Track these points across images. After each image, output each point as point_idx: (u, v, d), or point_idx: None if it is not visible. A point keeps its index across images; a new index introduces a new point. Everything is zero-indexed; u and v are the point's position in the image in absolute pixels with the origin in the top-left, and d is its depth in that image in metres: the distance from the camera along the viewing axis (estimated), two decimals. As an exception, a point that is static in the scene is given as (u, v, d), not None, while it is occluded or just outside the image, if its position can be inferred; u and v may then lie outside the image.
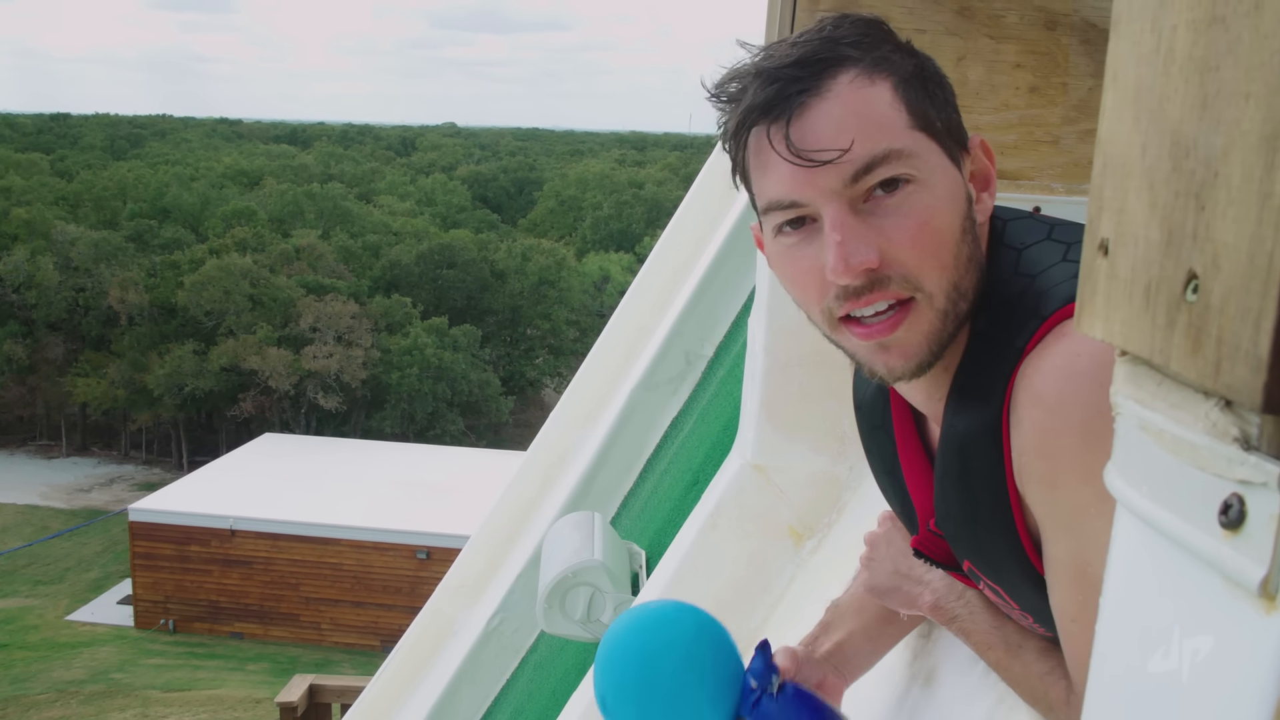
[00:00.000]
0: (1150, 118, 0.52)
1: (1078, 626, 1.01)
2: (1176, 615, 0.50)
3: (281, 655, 26.50)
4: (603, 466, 3.63)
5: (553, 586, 2.71)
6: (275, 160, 75.15)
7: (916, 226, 1.02)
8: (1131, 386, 0.56)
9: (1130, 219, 0.54)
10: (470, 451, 35.55)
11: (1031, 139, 2.02)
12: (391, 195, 65.80)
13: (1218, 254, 0.46)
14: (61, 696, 23.07)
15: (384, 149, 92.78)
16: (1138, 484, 0.54)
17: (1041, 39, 2.00)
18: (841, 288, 1.03)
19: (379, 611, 26.92)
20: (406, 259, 50.84)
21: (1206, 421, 0.49)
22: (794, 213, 1.05)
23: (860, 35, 1.06)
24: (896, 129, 1.03)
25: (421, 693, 3.77)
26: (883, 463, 1.33)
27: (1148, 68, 0.53)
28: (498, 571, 3.86)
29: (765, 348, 2.09)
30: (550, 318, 51.84)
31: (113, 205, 55.70)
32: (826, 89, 1.03)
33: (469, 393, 45.07)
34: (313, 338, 43.98)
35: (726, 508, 2.13)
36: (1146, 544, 0.53)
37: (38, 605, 30.60)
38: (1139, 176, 0.53)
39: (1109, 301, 0.56)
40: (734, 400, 3.10)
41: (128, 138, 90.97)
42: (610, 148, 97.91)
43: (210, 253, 47.77)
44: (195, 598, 28.19)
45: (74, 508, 39.84)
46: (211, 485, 29.63)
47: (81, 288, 47.30)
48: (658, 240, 4.06)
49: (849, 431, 2.14)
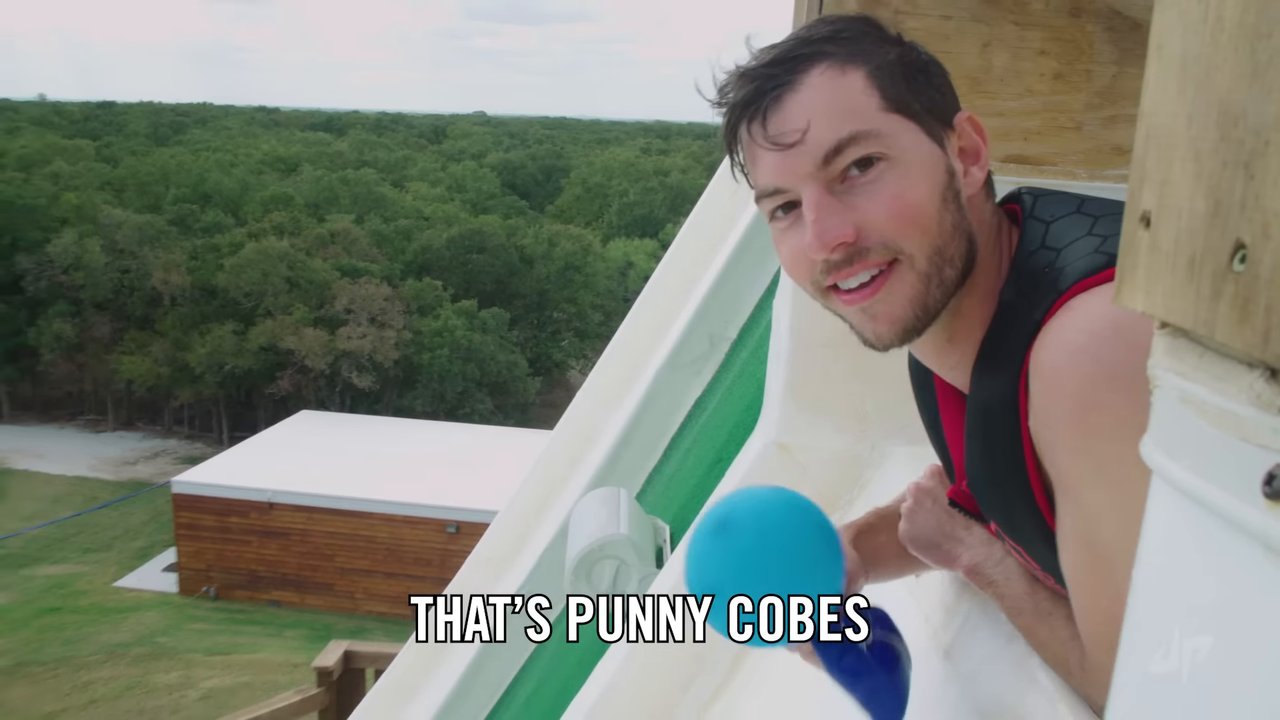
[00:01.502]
0: (1197, 88, 0.50)
1: (1084, 590, 1.02)
2: (1217, 587, 0.49)
3: (317, 622, 26.73)
4: (628, 444, 3.62)
5: (580, 558, 2.70)
6: (311, 147, 75.32)
7: (891, 199, 1.04)
8: (1171, 359, 0.54)
9: (1174, 190, 0.52)
10: (498, 430, 35.66)
11: (1055, 125, 1.99)
12: (423, 181, 65.87)
13: (1268, 223, 0.44)
14: (110, 658, 23.36)
15: (416, 137, 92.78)
16: (1178, 456, 0.52)
17: (1066, 26, 1.97)
18: (824, 262, 1.06)
19: (410, 582, 27.07)
20: (437, 244, 50.93)
21: (1251, 392, 0.47)
22: (780, 199, 1.09)
23: (836, 31, 1.10)
24: (867, 112, 1.06)
25: (452, 660, 3.79)
26: (928, 418, 1.34)
27: (1195, 37, 0.51)
28: (525, 545, 3.86)
29: (790, 330, 2.08)
30: (576, 301, 51.85)
31: (156, 190, 55.97)
32: (799, 82, 1.06)
33: (497, 373, 45.17)
34: (347, 319, 44.16)
35: (751, 484, 2.12)
36: (1185, 516, 0.52)
37: (87, 571, 30.96)
38: (1184, 147, 0.51)
39: (1150, 274, 0.54)
40: (757, 381, 3.08)
41: (170, 125, 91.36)
42: (635, 136, 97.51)
43: (249, 236, 48.01)
44: (235, 567, 28.46)
45: (121, 479, 40.25)
46: (250, 460, 29.85)
47: (127, 269, 47.62)
48: (681, 227, 4.04)
49: (871, 412, 2.12)
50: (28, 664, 23.25)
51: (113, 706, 20.25)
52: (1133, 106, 2.01)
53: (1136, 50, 2.00)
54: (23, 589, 29.47)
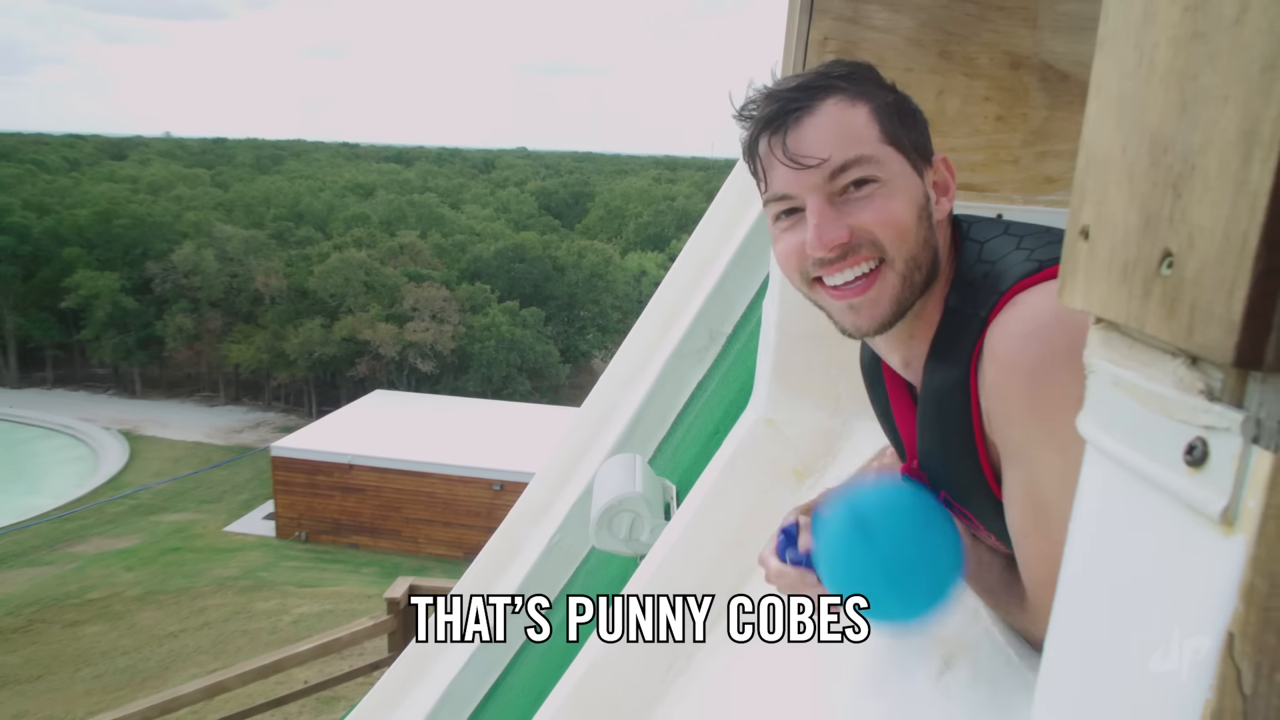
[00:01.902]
0: (1131, 122, 0.49)
1: (1029, 541, 1.00)
2: (1143, 537, 0.47)
3: (387, 562, 26.84)
4: (642, 418, 3.61)
5: (602, 512, 2.70)
6: (384, 176, 75.32)
7: (879, 210, 1.05)
8: (1105, 349, 0.52)
9: (1110, 208, 0.51)
10: (535, 407, 35.67)
11: (996, 158, 1.96)
12: (475, 204, 65.79)
13: (1192, 234, 0.43)
14: (220, 589, 23.50)
15: (470, 167, 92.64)
16: (1109, 430, 0.51)
17: (1006, 77, 1.94)
18: (818, 259, 1.07)
19: (462, 530, 27.16)
20: (487, 255, 50.90)
21: (1174, 377, 0.46)
22: (787, 204, 1.09)
23: (848, 71, 1.10)
24: (869, 141, 1.06)
25: (499, 588, 3.79)
26: (880, 409, 1.32)
27: (1130, 80, 0.49)
28: (557, 500, 3.86)
29: (777, 325, 2.06)
30: (599, 303, 51.78)
31: (259, 210, 56.10)
32: (816, 108, 1.06)
33: (534, 361, 45.19)
34: (413, 316, 44.22)
35: (743, 452, 2.10)
36: (1116, 480, 0.50)
37: (202, 519, 31.16)
38: (1119, 172, 0.50)
39: (1088, 278, 0.53)
40: (748, 368, 3.07)
41: (271, 157, 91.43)
42: (648, 168, 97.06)
43: (334, 248, 48.08)
44: (322, 516, 28.58)
45: (229, 445, 40.45)
46: (334, 430, 29.95)
47: (235, 274, 47.80)
48: (686, 242, 4.02)
49: (843, 393, 2.11)
50: (155, 593, 23.43)
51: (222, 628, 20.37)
52: (1061, 143, 1.98)
53: (1065, 97, 1.97)
54: (150, 533, 29.68)
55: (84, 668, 18.78)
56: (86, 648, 19.99)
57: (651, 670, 2.05)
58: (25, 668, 19.05)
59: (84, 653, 19.68)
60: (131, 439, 40.56)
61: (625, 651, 2.11)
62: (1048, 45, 1.94)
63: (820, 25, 1.96)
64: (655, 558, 2.19)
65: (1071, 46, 1.95)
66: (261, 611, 21.11)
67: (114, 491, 34.33)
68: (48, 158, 75.31)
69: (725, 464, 2.13)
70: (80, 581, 24.79)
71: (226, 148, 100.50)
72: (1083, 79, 1.97)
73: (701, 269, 3.85)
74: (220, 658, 17.86)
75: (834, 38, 1.97)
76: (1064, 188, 2.00)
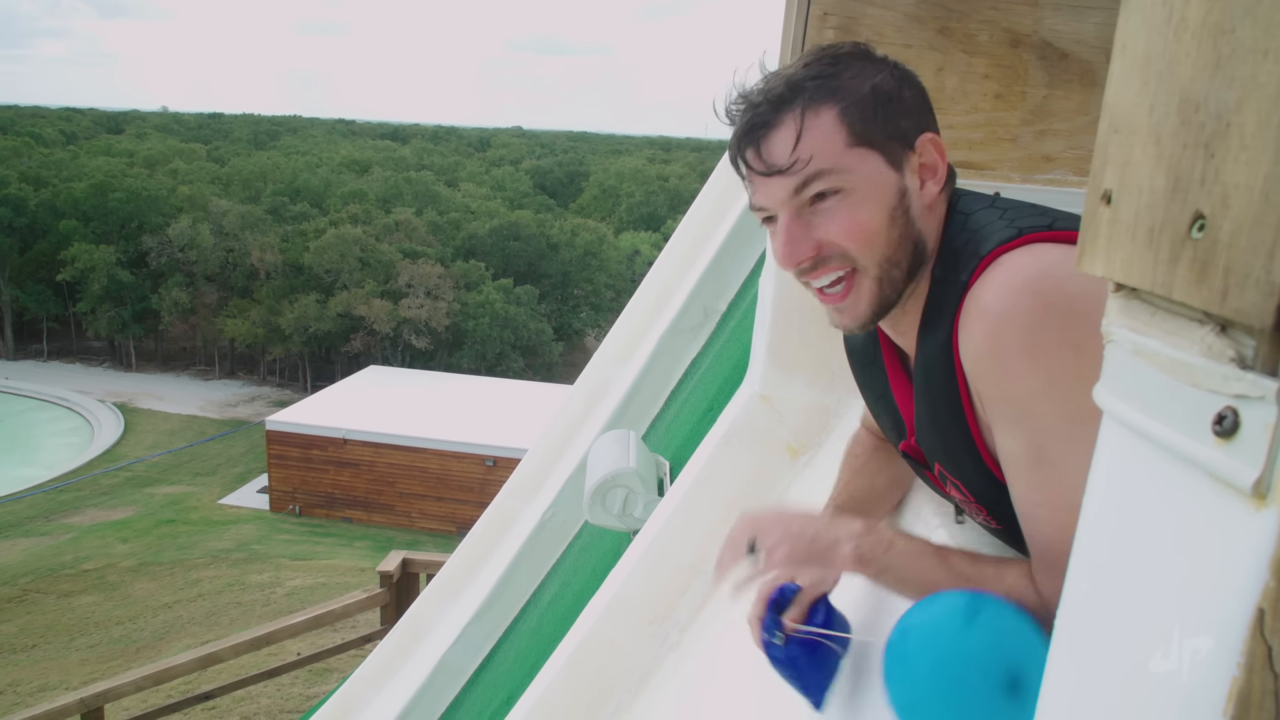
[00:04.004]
0: (1159, 80, 0.46)
1: (1042, 510, 0.94)
2: (1166, 512, 0.45)
3: (380, 536, 26.85)
4: (636, 394, 3.59)
5: (596, 486, 2.68)
6: (380, 153, 74.77)
7: (844, 223, 1.05)
8: (1125, 317, 0.50)
9: (1135, 171, 0.48)
10: (528, 384, 35.63)
11: (995, 136, 1.93)
12: (471, 182, 65.41)
13: (1227, 195, 0.41)
14: (214, 561, 23.50)
15: (465, 146, 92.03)
16: (1129, 400, 0.49)
17: (1006, 55, 1.91)
18: (794, 269, 1.09)
19: (455, 505, 27.19)
20: (481, 232, 50.67)
21: (1202, 345, 0.44)
22: (763, 214, 1.11)
23: (820, 72, 1.07)
24: (833, 150, 1.05)
25: (490, 565, 3.78)
26: (875, 391, 1.29)
27: (1158, 36, 0.47)
28: (550, 476, 3.84)
29: (773, 303, 2.04)
30: (592, 281, 51.67)
31: (255, 185, 55.71)
32: (780, 121, 1.06)
33: (528, 338, 45.13)
34: (408, 292, 44.08)
35: (738, 428, 2.09)
36: (1136, 451, 0.48)
37: (197, 491, 31.12)
38: (1145, 133, 0.47)
39: (1110, 243, 0.50)
40: (741, 345, 3.05)
41: (267, 132, 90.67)
42: (643, 148, 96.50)
43: (330, 224, 47.81)
44: (315, 490, 28.58)
45: (224, 418, 40.36)
46: (329, 404, 29.90)
47: (231, 249, 47.54)
48: (679, 222, 3.99)
49: (837, 370, 2.09)
50: (149, 564, 23.41)
51: (216, 600, 20.37)
52: (1060, 122, 1.96)
53: (1064, 76, 1.94)
54: (145, 504, 29.64)
55: (78, 637, 18.78)
56: (81, 618, 19.98)
57: (644, 645, 2.04)
58: (20, 637, 19.05)
59: (78, 622, 19.67)
60: (126, 411, 40.42)
61: (617, 626, 2.10)
62: (1048, 23, 1.91)
63: (820, 1, 1.92)
64: (649, 532, 2.17)
65: (1072, 25, 1.92)
66: (255, 584, 21.11)
67: (109, 463, 34.25)
68: (45, 131, 74.58)
69: (720, 440, 2.12)
70: (75, 552, 24.76)
71: (223, 123, 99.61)
72: (1083, 58, 1.93)
73: (695, 247, 3.82)
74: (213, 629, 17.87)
75: (834, 13, 1.93)
76: (1062, 167, 1.97)
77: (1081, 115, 1.95)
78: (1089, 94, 1.94)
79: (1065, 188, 1.95)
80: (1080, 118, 1.95)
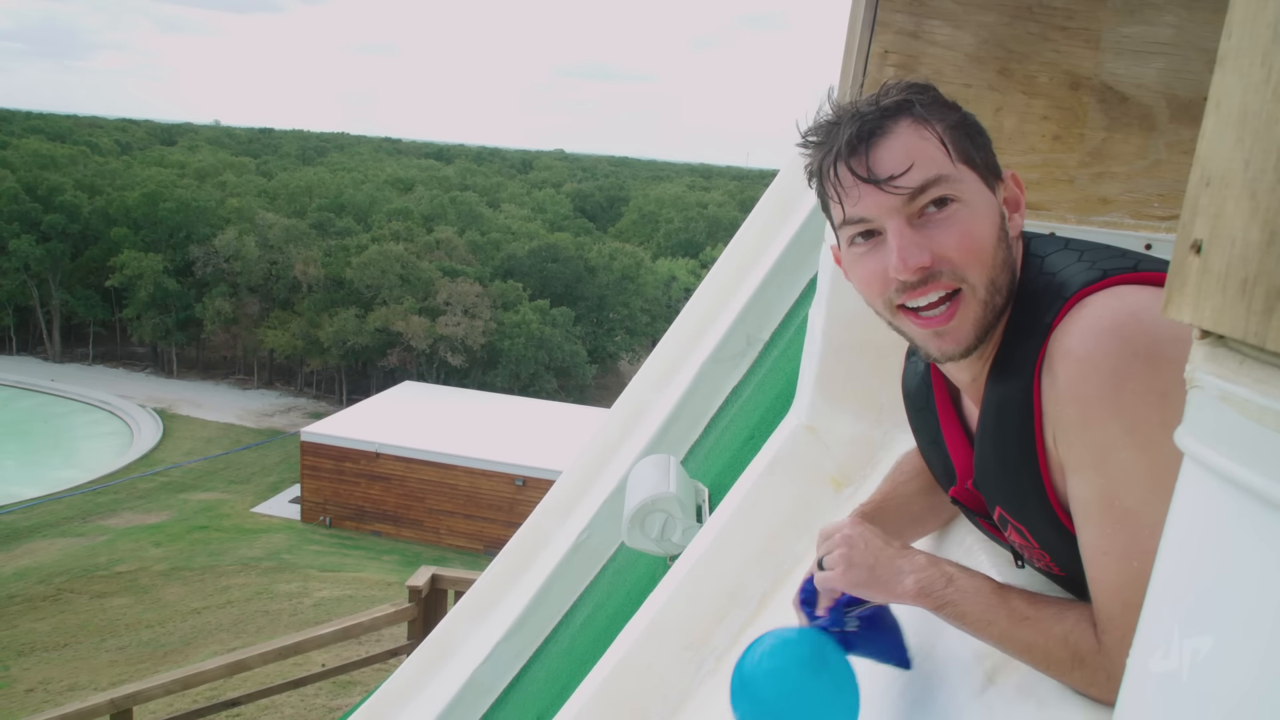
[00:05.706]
0: (1255, 137, 0.48)
1: (1109, 559, 0.92)
2: (1253, 558, 0.46)
3: (408, 550, 26.96)
4: (675, 420, 3.60)
5: (636, 510, 2.69)
6: (425, 172, 75.85)
7: (960, 234, 1.03)
8: (1211, 364, 0.51)
9: (1227, 223, 0.50)
10: (560, 405, 35.74)
11: (1051, 177, 1.94)
12: (512, 204, 66.10)
13: (1325, 251, 0.42)
14: (244, 569, 23.72)
15: (508, 167, 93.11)
16: (1214, 445, 0.50)
17: (1065, 97, 1.91)
18: (901, 282, 1.04)
19: (483, 523, 27.26)
20: (520, 253, 51.14)
21: (1294, 394, 0.45)
22: (862, 227, 1.06)
23: (919, 93, 1.08)
24: (944, 161, 1.04)
25: (522, 584, 3.79)
26: (928, 435, 1.28)
27: (1255, 95, 0.48)
28: (584, 497, 3.85)
29: (823, 334, 2.05)
30: (628, 305, 51.85)
31: (302, 200, 56.72)
32: (892, 129, 1.04)
33: (562, 360, 45.33)
34: (445, 310, 44.53)
35: (783, 458, 2.09)
36: (1220, 497, 0.49)
37: (230, 499, 31.49)
38: (1239, 187, 0.49)
39: (1200, 292, 0.52)
40: (784, 375, 3.05)
41: (315, 148, 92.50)
42: (683, 175, 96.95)
43: (372, 240, 48.54)
44: (346, 502, 28.80)
45: (260, 428, 40.89)
46: (363, 418, 30.18)
47: (275, 261, 48.37)
48: (718, 250, 4.03)
49: (885, 404, 2.09)
50: (180, 569, 23.69)
51: (245, 607, 20.55)
52: (1118, 165, 1.95)
53: (1124, 119, 1.94)
54: (179, 510, 30.04)
55: (109, 638, 19.03)
56: (112, 619, 20.26)
57: (681, 670, 2.04)
58: (53, 635, 19.34)
59: (110, 624, 19.94)
60: (166, 417, 41.10)
61: (655, 650, 2.11)
62: (1109, 67, 1.91)
63: (882, 39, 1.95)
64: (690, 558, 2.18)
65: (1134, 69, 1.92)
66: (283, 593, 21.28)
67: (146, 468, 34.80)
68: (101, 140, 76.66)
69: (764, 469, 2.12)
70: (110, 554, 25.14)
71: (273, 138, 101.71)
72: (1144, 102, 1.93)
73: (739, 275, 3.84)
74: (241, 636, 18.02)
75: (894, 51, 1.95)
76: (1119, 210, 1.97)
77: (1140, 159, 1.94)
78: (1148, 138, 1.94)
79: (1121, 230, 1.94)
80: (1138, 161, 1.95)
